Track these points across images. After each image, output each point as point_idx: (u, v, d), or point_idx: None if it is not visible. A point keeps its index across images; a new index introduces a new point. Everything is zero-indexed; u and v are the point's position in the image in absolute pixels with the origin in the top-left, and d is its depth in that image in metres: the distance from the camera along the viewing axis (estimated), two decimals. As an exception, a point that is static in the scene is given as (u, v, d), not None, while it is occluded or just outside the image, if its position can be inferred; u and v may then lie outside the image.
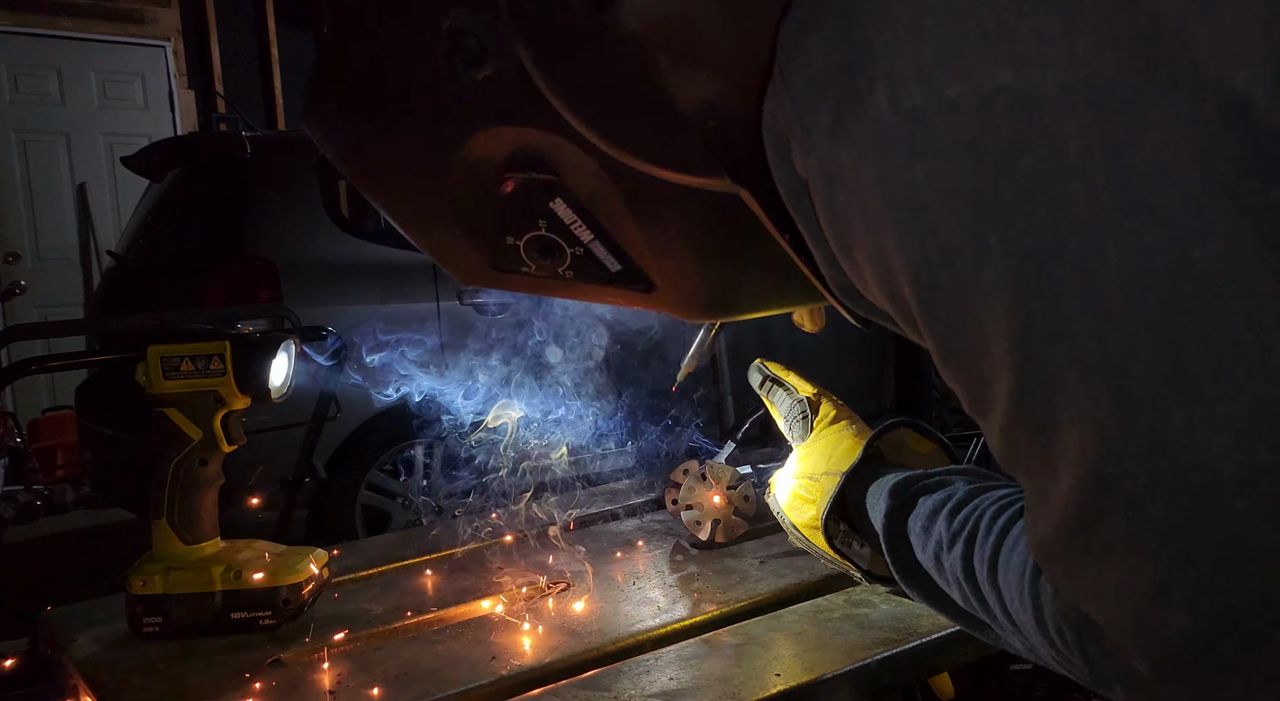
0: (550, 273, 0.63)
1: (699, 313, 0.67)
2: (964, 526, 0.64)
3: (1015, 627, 0.57)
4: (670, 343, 2.50)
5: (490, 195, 0.61)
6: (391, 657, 0.91)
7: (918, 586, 0.72)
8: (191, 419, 1.00)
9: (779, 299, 0.67)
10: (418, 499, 3.57)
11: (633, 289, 0.63)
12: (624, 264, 0.62)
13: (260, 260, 3.30)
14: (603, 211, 0.60)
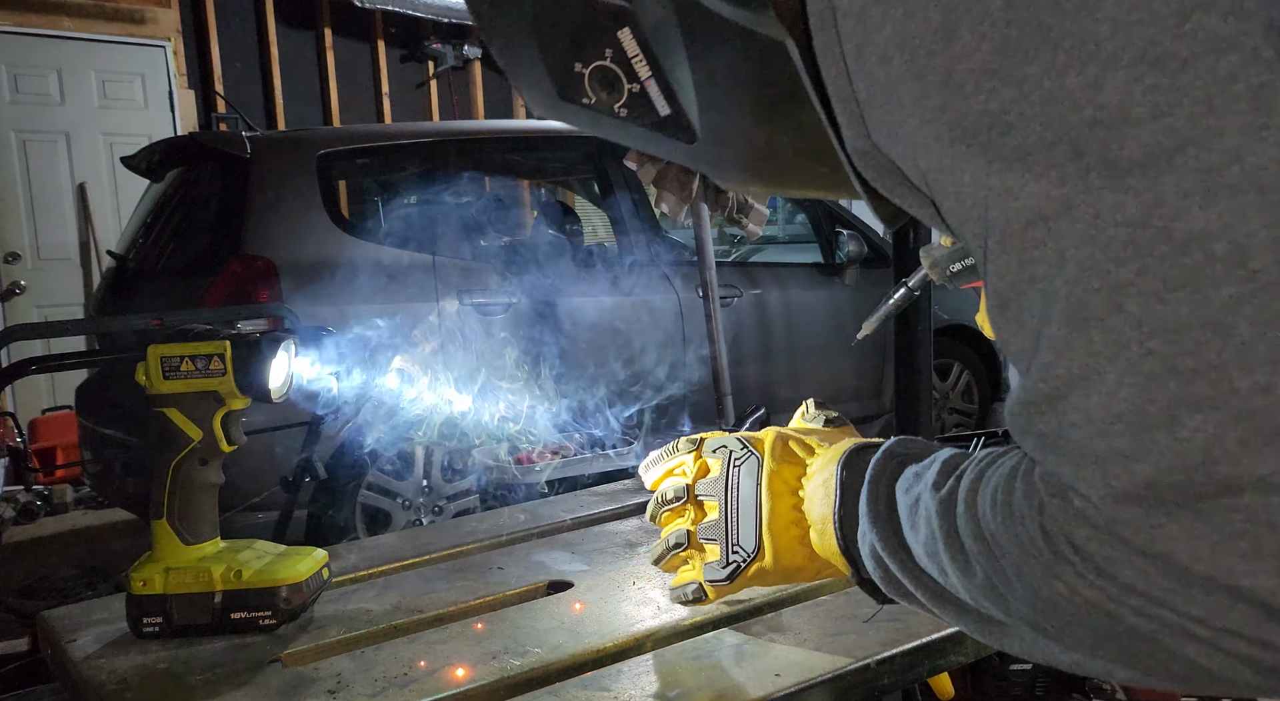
0: (607, 108, 0.67)
1: (730, 172, 0.69)
2: (955, 470, 0.63)
3: (979, 560, 0.56)
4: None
5: (568, 14, 0.64)
6: (391, 657, 0.91)
7: (879, 530, 0.70)
8: (191, 419, 1.00)
9: (805, 177, 0.68)
10: (416, 499, 3.57)
11: (675, 138, 0.66)
12: (673, 109, 0.65)
13: (260, 260, 3.30)
14: (663, 48, 0.63)
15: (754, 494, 0.85)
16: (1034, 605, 0.52)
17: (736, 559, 0.85)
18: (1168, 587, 0.43)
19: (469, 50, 7.16)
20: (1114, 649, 0.48)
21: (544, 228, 5.15)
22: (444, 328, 3.56)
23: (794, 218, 6.15)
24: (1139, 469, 0.41)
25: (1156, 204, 0.40)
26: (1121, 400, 0.41)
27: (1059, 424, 0.44)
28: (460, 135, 4.10)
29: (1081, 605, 0.47)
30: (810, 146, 0.61)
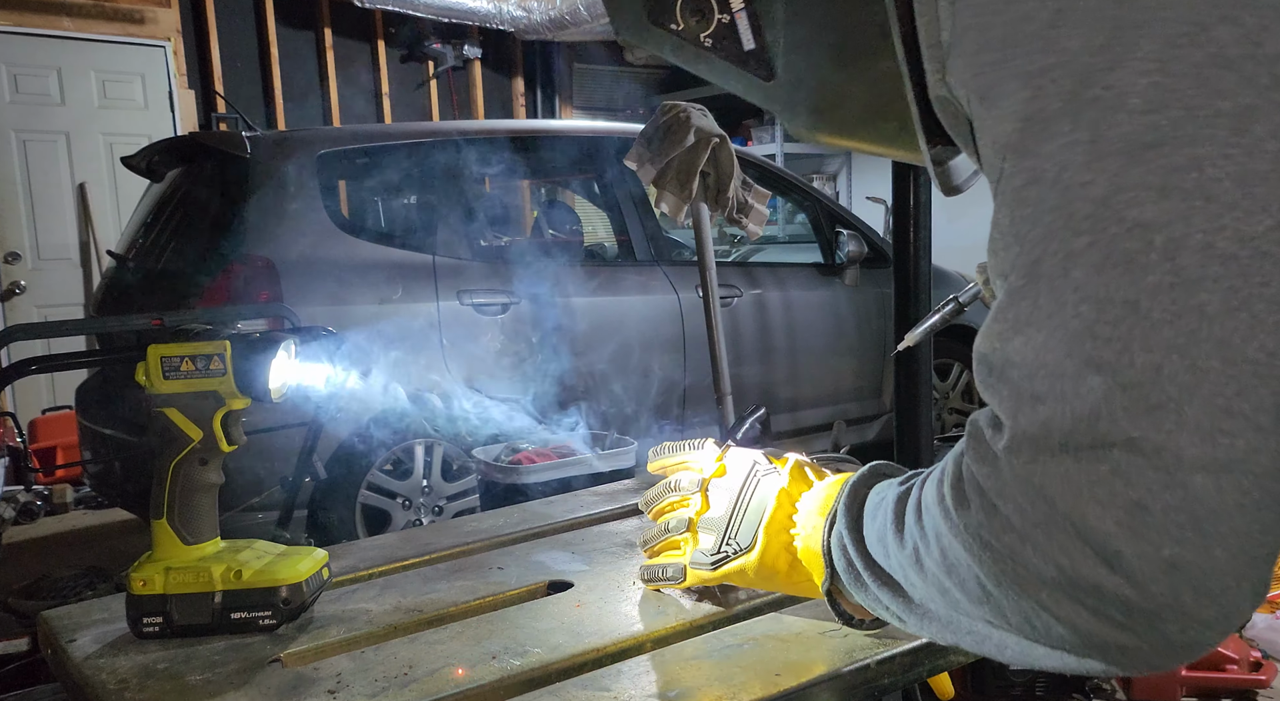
0: (693, 36, 0.69)
1: (800, 116, 0.70)
2: (908, 482, 0.70)
3: (910, 533, 0.63)
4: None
5: None
6: (391, 657, 0.91)
7: (847, 519, 0.77)
8: (191, 419, 1.00)
9: (871, 131, 0.69)
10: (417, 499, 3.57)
11: (754, 74, 0.68)
12: (758, 44, 0.67)
13: (260, 260, 3.30)
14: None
15: (765, 500, 0.92)
16: (941, 564, 0.58)
17: (728, 550, 0.92)
18: (1036, 523, 0.48)
19: (469, 50, 7.15)
20: (991, 607, 0.54)
21: (544, 227, 5.15)
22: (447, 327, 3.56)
23: (794, 218, 6.15)
24: (1042, 411, 0.47)
25: (1121, 189, 0.44)
26: (1049, 351, 0.47)
27: (1002, 360, 0.50)
28: (460, 135, 4.10)
29: (970, 549, 0.53)
30: (883, 99, 0.64)
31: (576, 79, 7.95)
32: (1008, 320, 0.49)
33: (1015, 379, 0.49)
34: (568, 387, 3.79)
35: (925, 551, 0.60)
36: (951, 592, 0.58)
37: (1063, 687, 2.55)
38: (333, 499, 3.41)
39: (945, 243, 4.31)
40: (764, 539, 0.90)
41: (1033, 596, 0.50)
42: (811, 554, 0.87)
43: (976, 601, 0.55)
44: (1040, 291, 0.47)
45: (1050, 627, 0.51)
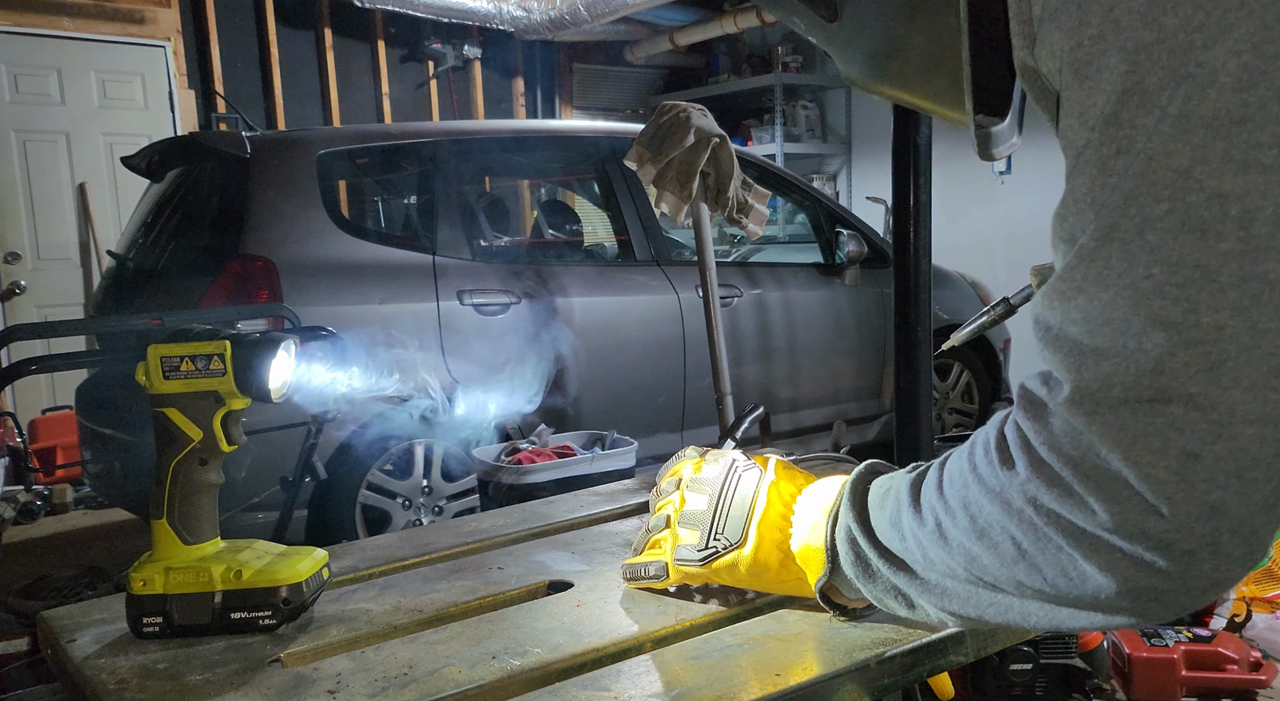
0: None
1: (856, 61, 0.71)
2: (915, 471, 0.73)
3: (931, 509, 0.65)
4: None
5: None
6: (391, 657, 0.91)
7: (854, 511, 0.79)
8: (191, 419, 1.00)
9: (923, 85, 0.70)
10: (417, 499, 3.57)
11: (817, 11, 0.69)
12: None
13: (260, 260, 3.31)
14: None
15: (750, 495, 0.92)
16: (970, 530, 0.60)
17: (716, 545, 0.92)
18: (1088, 473, 0.51)
19: (469, 50, 7.16)
20: (1025, 566, 0.57)
21: (543, 227, 5.15)
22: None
23: (794, 218, 6.15)
24: (1105, 366, 0.50)
25: (1203, 160, 0.46)
26: (1115, 308, 0.49)
27: (1062, 319, 0.52)
28: (460, 135, 4.10)
29: (1009, 508, 0.56)
30: (941, 53, 0.65)
31: (576, 79, 7.95)
32: (1074, 280, 0.51)
33: (1076, 335, 0.51)
34: (567, 388, 3.79)
35: (950, 521, 0.62)
36: (979, 559, 0.60)
37: (1063, 687, 2.56)
38: (333, 499, 3.41)
39: (945, 243, 4.31)
40: (757, 534, 0.90)
41: (1076, 546, 0.53)
42: (811, 551, 0.87)
43: (1009, 561, 0.58)
44: (1113, 253, 0.49)
45: (1086, 578, 0.54)
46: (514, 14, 6.91)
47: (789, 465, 0.95)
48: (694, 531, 0.94)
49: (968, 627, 0.71)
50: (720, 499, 0.93)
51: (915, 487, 0.69)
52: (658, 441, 3.94)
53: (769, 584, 0.93)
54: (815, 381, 4.52)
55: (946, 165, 5.91)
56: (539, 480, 2.78)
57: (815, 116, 7.79)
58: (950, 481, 0.63)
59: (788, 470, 0.94)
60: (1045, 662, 2.51)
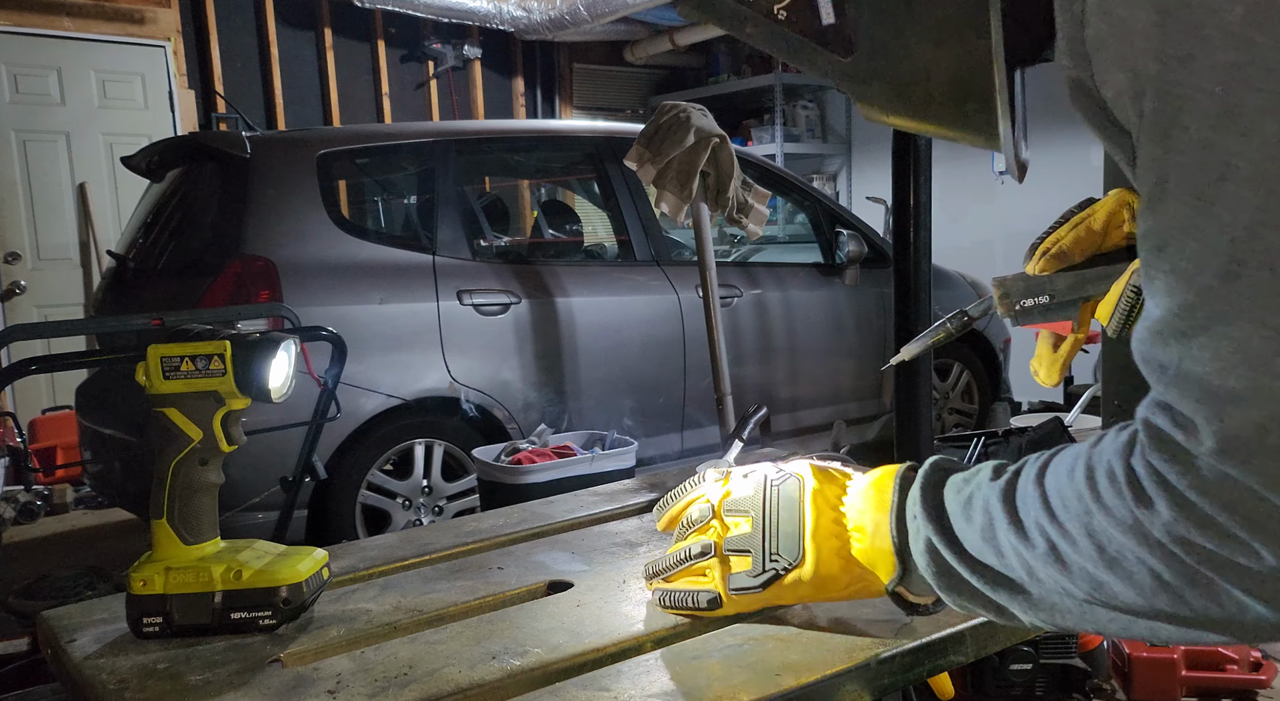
0: (765, 9, 0.66)
1: (877, 95, 0.68)
2: (1012, 468, 0.69)
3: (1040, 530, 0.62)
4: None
5: None
6: (391, 657, 0.91)
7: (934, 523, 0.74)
8: (191, 419, 1.00)
9: (951, 111, 0.67)
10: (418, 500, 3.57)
11: (831, 50, 0.66)
12: (838, 18, 0.65)
13: (260, 260, 3.31)
14: None
15: (796, 508, 0.87)
16: (1098, 559, 0.58)
17: (775, 566, 0.87)
18: (1247, 517, 0.49)
19: (469, 50, 7.16)
20: (1168, 596, 0.55)
21: (543, 227, 5.15)
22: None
23: (794, 218, 6.15)
24: (1253, 413, 0.48)
25: None
26: (1250, 347, 0.47)
27: (1182, 357, 0.50)
28: (460, 135, 4.10)
29: (1149, 544, 0.54)
30: (968, 77, 0.62)
31: (576, 79, 7.95)
32: (1197, 318, 0.49)
33: (1204, 375, 0.49)
34: (567, 387, 3.79)
35: (1071, 547, 0.60)
36: (1108, 585, 0.58)
37: (1063, 687, 2.55)
38: (333, 499, 3.41)
39: (945, 243, 4.31)
40: (813, 548, 0.86)
41: (1236, 584, 0.52)
42: (877, 553, 0.82)
43: (1148, 593, 0.56)
44: (1241, 290, 0.47)
45: (1246, 609, 0.52)
46: (514, 14, 6.91)
47: (823, 467, 0.91)
48: (744, 558, 0.89)
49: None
50: (765, 518, 0.88)
51: (1010, 502, 0.66)
52: (658, 441, 3.93)
53: (836, 594, 0.88)
54: (815, 381, 4.52)
55: (946, 165, 5.91)
56: (539, 480, 2.78)
57: (815, 116, 7.79)
58: (1064, 505, 0.60)
59: (824, 472, 0.90)
60: (1045, 662, 2.51)
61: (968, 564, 0.71)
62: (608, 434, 3.14)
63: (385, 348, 3.43)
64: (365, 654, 0.92)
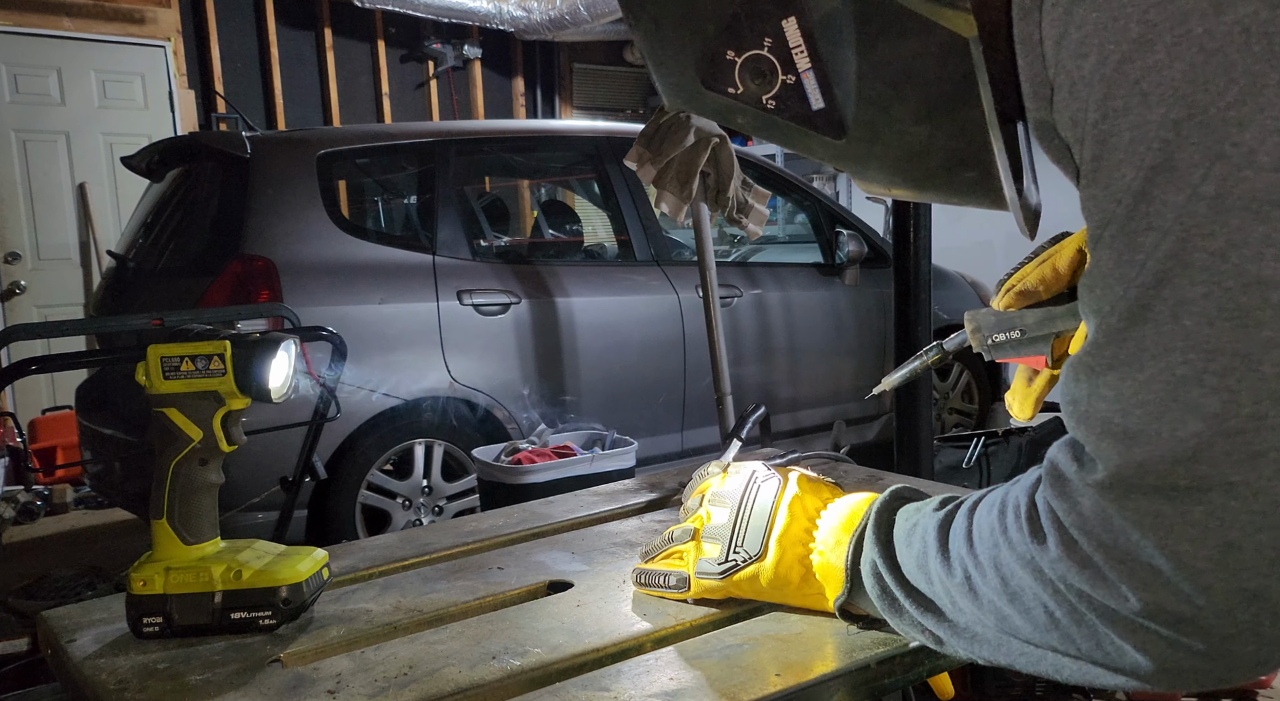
0: (753, 100, 0.66)
1: (875, 172, 0.69)
2: (947, 505, 0.72)
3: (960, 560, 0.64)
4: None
5: (728, 4, 0.64)
6: (391, 657, 0.91)
7: (879, 546, 0.78)
8: (191, 419, 1.00)
9: (951, 181, 0.68)
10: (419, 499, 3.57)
11: (824, 133, 0.66)
12: (827, 103, 0.65)
13: (260, 260, 3.31)
14: (829, 39, 0.63)
15: (769, 507, 0.91)
16: (1002, 592, 0.60)
17: (736, 558, 0.91)
18: (1122, 559, 0.51)
19: (469, 50, 7.16)
20: (1059, 634, 0.57)
21: (543, 227, 5.15)
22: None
23: (794, 218, 6.15)
24: (1137, 452, 0.49)
25: (1241, 244, 0.46)
26: (1150, 391, 0.49)
27: (1090, 394, 0.52)
28: (460, 135, 4.10)
29: (1042, 581, 0.56)
30: (966, 147, 0.63)
31: (576, 79, 7.95)
32: (1104, 357, 0.51)
33: (1106, 413, 0.51)
34: (567, 387, 3.79)
35: (981, 578, 0.61)
36: (1011, 619, 0.59)
37: (1063, 687, 2.55)
38: (333, 499, 3.41)
39: (945, 243, 4.31)
40: (777, 549, 0.89)
41: (1110, 627, 0.53)
42: (830, 569, 0.86)
43: (1042, 628, 0.57)
44: (1146, 334, 0.49)
45: (1123, 653, 0.53)
46: (514, 14, 6.91)
47: (814, 477, 0.94)
48: (715, 545, 0.93)
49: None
50: (740, 511, 0.91)
51: (943, 532, 0.68)
52: (658, 441, 3.94)
53: (790, 597, 0.92)
54: (815, 381, 4.52)
55: (946, 165, 5.89)
56: (539, 480, 2.78)
57: (815, 116, 7.78)
58: (980, 537, 0.62)
59: (812, 483, 0.93)
60: (1045, 662, 2.51)
61: (904, 588, 0.74)
62: (608, 434, 3.14)
63: (385, 348, 3.43)
64: (365, 654, 0.92)
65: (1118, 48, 0.48)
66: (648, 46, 0.68)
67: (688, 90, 0.68)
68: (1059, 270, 0.88)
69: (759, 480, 0.93)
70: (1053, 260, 0.88)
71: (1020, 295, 0.90)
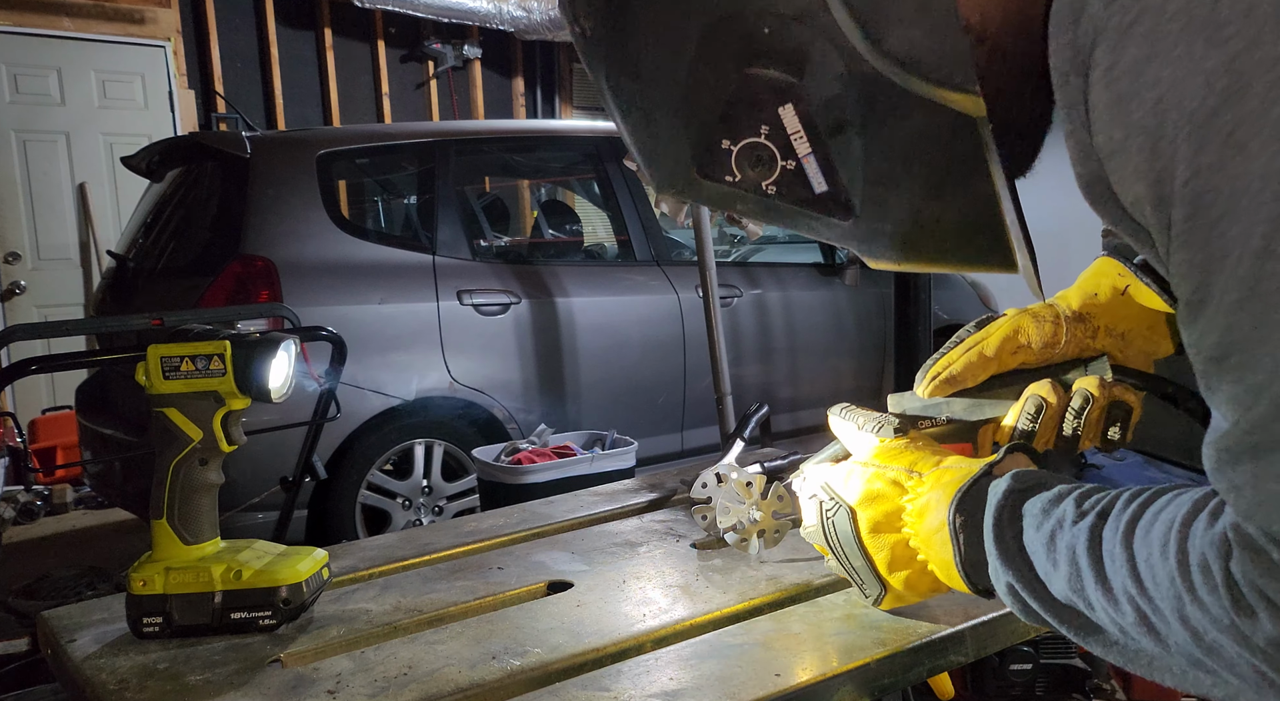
0: (752, 186, 0.64)
1: (885, 249, 0.67)
2: (1096, 505, 0.64)
3: (1130, 599, 0.59)
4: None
5: (723, 89, 0.62)
6: (391, 657, 0.91)
7: (1014, 568, 0.70)
8: (191, 419, 1.00)
9: (963, 251, 0.66)
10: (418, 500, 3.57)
11: (830, 215, 0.64)
12: (831, 186, 0.63)
13: (260, 260, 3.31)
14: (829, 123, 0.61)
15: (856, 544, 0.86)
16: (1194, 645, 0.56)
17: (871, 594, 0.88)
18: None
19: (469, 50, 7.16)
20: (1275, 692, 0.53)
21: (543, 227, 5.15)
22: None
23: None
24: None
25: None
26: None
27: (1257, 476, 0.48)
28: (460, 135, 4.10)
29: (1253, 648, 0.52)
30: (977, 218, 0.62)
31: (576, 79, 7.95)
32: (1271, 432, 0.48)
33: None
34: (567, 387, 3.79)
35: (1164, 626, 0.58)
36: (1207, 663, 0.57)
37: (1063, 687, 2.55)
38: (333, 499, 3.41)
39: (945, 243, 4.30)
40: (894, 580, 0.86)
41: None
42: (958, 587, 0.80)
43: (1251, 683, 0.55)
44: None
45: None
46: (514, 14, 6.91)
47: (869, 476, 0.86)
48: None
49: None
50: (837, 555, 0.88)
51: (1094, 552, 0.62)
52: (658, 441, 3.93)
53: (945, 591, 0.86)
54: (815, 381, 4.52)
55: (946, 165, 5.89)
56: (539, 480, 2.78)
57: (815, 116, 7.78)
58: (1154, 583, 0.57)
59: (873, 496, 0.85)
60: (1045, 662, 2.51)
61: (1054, 611, 0.68)
62: (608, 434, 3.14)
63: (385, 348, 3.43)
64: (365, 654, 0.92)
65: (1203, 101, 0.46)
66: (637, 139, 0.66)
67: (682, 180, 0.66)
68: (986, 356, 0.87)
69: (828, 514, 0.87)
70: (979, 347, 0.87)
71: (945, 383, 0.88)
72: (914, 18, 0.57)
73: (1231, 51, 0.45)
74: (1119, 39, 0.50)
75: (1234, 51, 0.45)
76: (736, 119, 0.62)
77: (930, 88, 0.58)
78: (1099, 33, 0.51)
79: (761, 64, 0.61)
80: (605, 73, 0.66)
